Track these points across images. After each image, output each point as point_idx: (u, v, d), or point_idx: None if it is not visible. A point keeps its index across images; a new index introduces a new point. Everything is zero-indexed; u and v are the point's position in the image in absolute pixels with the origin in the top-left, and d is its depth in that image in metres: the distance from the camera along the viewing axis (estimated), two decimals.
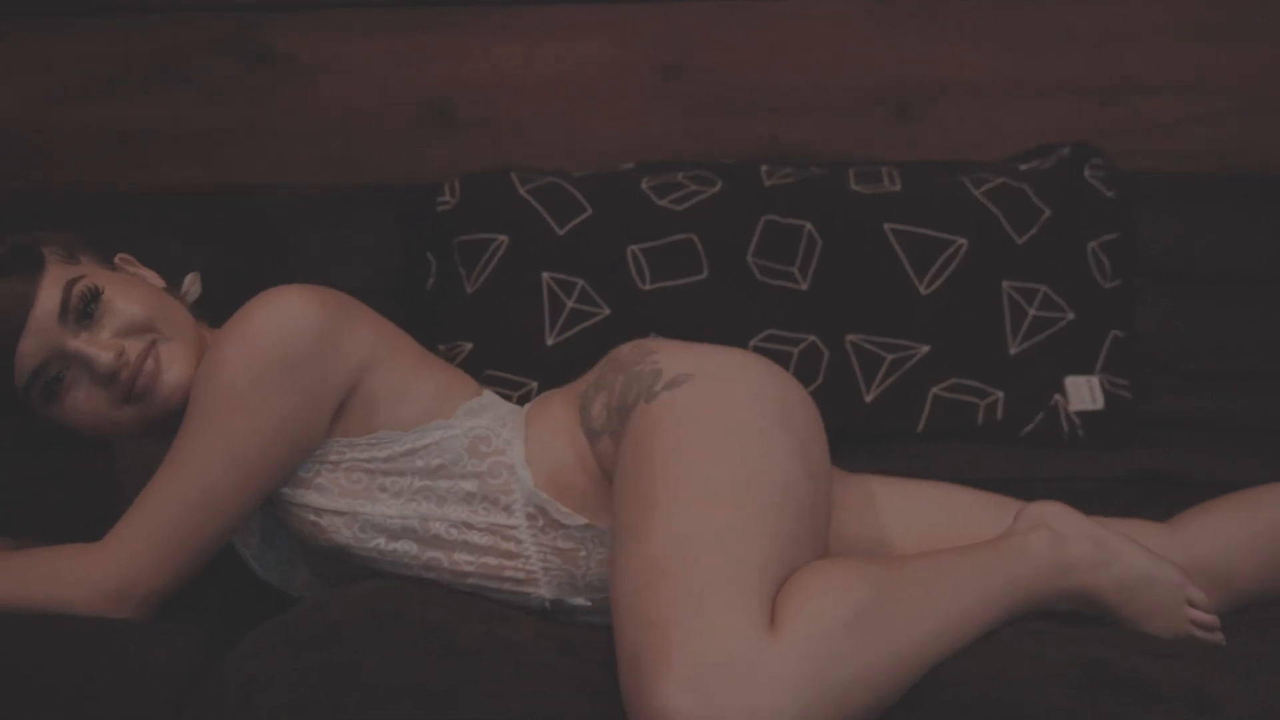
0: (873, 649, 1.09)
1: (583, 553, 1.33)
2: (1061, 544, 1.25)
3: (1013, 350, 1.75)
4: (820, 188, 1.79)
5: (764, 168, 1.83)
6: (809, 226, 1.76)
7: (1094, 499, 1.46)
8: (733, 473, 1.19)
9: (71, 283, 1.31)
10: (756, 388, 1.29)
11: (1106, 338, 1.76)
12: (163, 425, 1.33)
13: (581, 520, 1.32)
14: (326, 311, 1.30)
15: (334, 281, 1.41)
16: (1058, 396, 1.74)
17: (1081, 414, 1.74)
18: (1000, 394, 1.74)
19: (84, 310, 1.30)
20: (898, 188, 1.79)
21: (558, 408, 1.38)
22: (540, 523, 1.33)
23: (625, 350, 1.38)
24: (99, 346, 1.30)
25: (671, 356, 1.31)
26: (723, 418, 1.25)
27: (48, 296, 1.30)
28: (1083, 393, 1.74)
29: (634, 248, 1.76)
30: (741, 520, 1.16)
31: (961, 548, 1.25)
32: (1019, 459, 1.70)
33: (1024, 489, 1.47)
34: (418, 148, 2.01)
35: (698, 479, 1.19)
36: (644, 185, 1.80)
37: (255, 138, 2.01)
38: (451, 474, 1.33)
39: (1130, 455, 1.70)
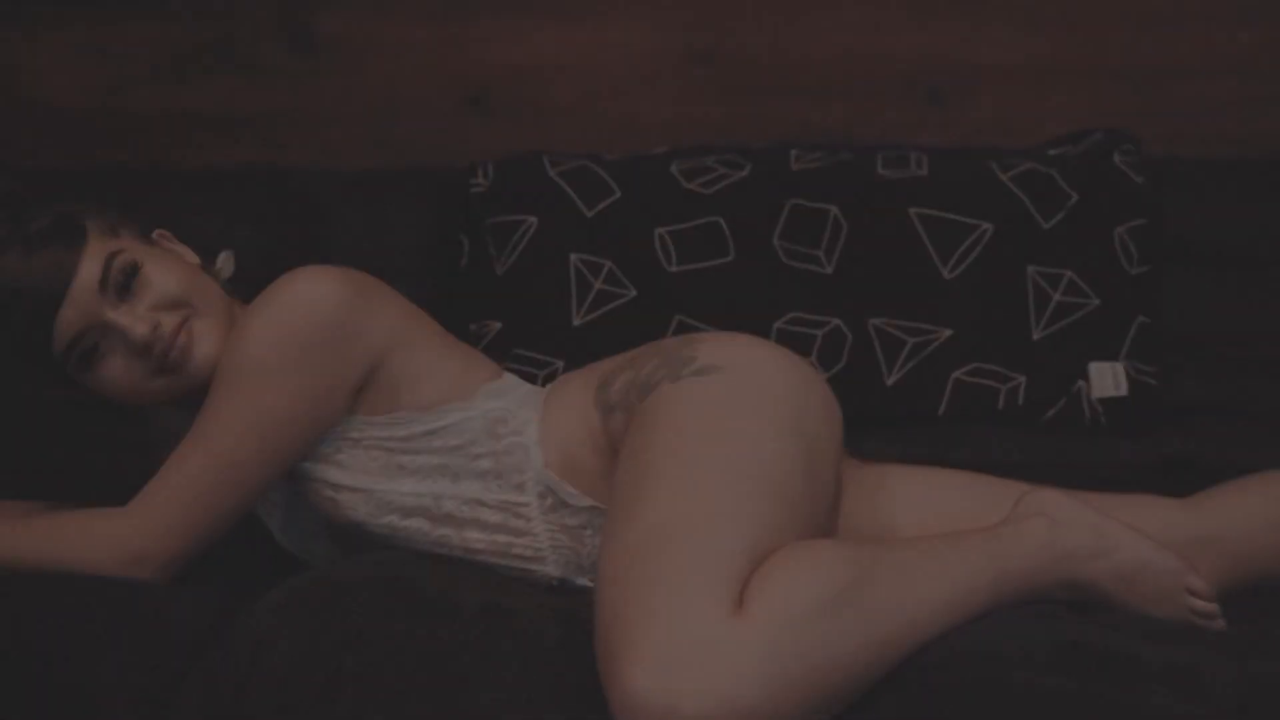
0: (845, 632, 1.08)
1: (589, 532, 1.35)
2: (1058, 532, 1.24)
3: (1036, 335, 1.74)
4: (846, 172, 1.80)
5: (793, 152, 1.84)
6: (835, 210, 1.77)
7: (1115, 486, 1.44)
8: (725, 462, 1.20)
9: (112, 256, 1.34)
10: (779, 387, 1.29)
11: (1132, 324, 1.75)
12: (194, 396, 1.36)
13: (588, 502, 1.34)
14: (351, 292, 1.33)
15: (368, 261, 1.44)
16: (1081, 382, 1.74)
17: (1104, 400, 1.73)
18: (1022, 379, 1.73)
19: (123, 284, 1.34)
20: (924, 172, 1.79)
21: (574, 388, 1.40)
22: (549, 501, 1.35)
23: (671, 339, 1.39)
24: (135, 319, 1.33)
25: (711, 348, 1.33)
26: (732, 411, 1.26)
27: (89, 268, 1.33)
28: (1106, 379, 1.73)
29: (661, 230, 1.78)
30: (725, 509, 1.16)
31: (956, 533, 1.25)
32: (1040, 444, 1.69)
33: (1044, 475, 1.44)
34: (457, 131, 2.04)
35: (689, 468, 1.20)
36: (673, 168, 1.82)
37: (299, 121, 2.04)
38: (469, 453, 1.35)
39: (1152, 442, 1.69)
